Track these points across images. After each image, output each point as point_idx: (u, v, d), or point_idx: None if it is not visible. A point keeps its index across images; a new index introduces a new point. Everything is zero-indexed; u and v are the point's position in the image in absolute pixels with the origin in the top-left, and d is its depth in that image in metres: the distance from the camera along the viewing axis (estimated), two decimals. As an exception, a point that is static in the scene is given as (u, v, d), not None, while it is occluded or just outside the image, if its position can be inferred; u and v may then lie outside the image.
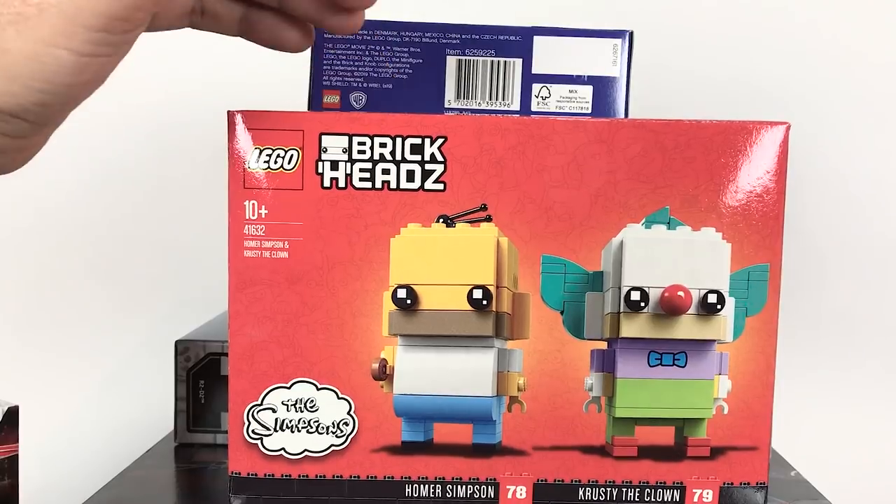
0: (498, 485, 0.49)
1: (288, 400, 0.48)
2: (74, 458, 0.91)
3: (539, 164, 0.47)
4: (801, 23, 0.88)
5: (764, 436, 0.49)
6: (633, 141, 0.47)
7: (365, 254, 0.47)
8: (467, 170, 0.47)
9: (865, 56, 0.88)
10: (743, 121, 0.47)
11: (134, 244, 0.90)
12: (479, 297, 0.47)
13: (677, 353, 0.48)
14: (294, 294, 0.47)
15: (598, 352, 0.48)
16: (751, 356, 0.48)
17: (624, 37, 0.59)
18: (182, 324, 0.83)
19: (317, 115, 0.47)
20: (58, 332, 0.91)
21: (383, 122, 0.47)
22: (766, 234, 0.48)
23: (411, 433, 0.48)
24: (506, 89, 0.59)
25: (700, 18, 0.87)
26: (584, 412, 0.48)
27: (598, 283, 0.48)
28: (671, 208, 0.47)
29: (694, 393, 0.48)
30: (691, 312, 0.47)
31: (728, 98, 0.85)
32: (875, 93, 0.89)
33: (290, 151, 0.46)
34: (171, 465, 0.64)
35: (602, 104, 0.59)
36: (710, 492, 0.49)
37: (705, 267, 0.47)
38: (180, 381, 0.67)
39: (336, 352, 0.47)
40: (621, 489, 0.49)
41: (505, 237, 0.47)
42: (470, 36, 0.59)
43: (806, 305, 0.90)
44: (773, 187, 0.47)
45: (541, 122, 0.47)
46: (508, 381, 0.48)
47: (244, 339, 0.47)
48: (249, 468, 0.48)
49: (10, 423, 0.55)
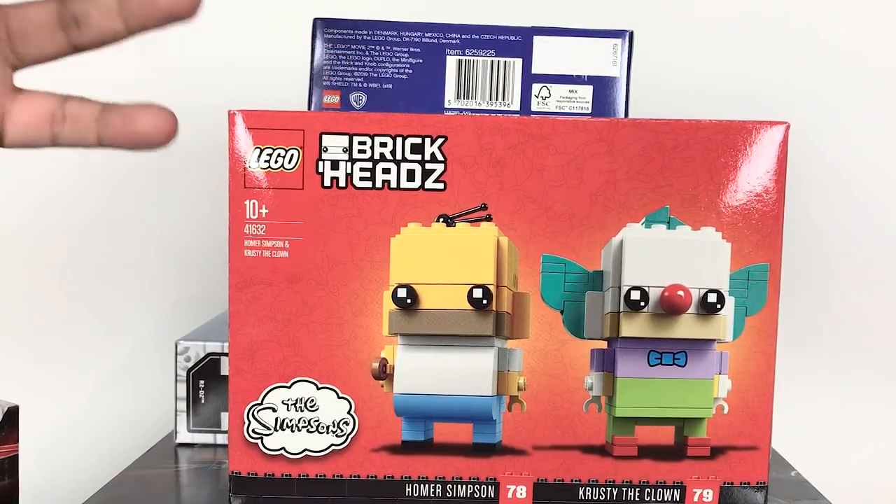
0: (498, 484, 0.49)
1: (288, 399, 0.48)
2: (74, 458, 0.91)
3: (539, 163, 0.47)
4: (801, 22, 0.88)
5: (764, 435, 0.49)
6: (632, 141, 0.47)
7: (365, 253, 0.47)
8: (467, 169, 0.47)
9: (865, 56, 0.88)
10: (742, 120, 0.47)
11: (134, 244, 0.90)
12: (479, 297, 0.47)
13: (677, 352, 0.48)
14: (294, 293, 0.47)
15: (598, 351, 0.48)
16: (751, 356, 0.48)
17: (624, 37, 0.59)
18: (182, 324, 0.83)
19: (317, 114, 0.47)
20: (58, 332, 0.90)
21: (384, 121, 0.47)
22: (766, 234, 0.48)
23: (411, 433, 0.48)
24: (506, 89, 0.59)
25: (700, 18, 0.87)
26: (585, 412, 0.48)
27: (598, 282, 0.48)
28: (671, 208, 0.47)
29: (694, 392, 0.48)
30: (691, 312, 0.47)
31: (728, 98, 0.85)
32: (875, 93, 0.89)
33: (291, 151, 0.46)
34: (171, 465, 0.64)
35: (602, 104, 0.59)
36: (710, 491, 0.49)
37: (705, 266, 0.47)
38: (180, 381, 0.67)
39: (336, 351, 0.48)
40: (621, 489, 0.49)
41: (505, 237, 0.47)
42: (470, 36, 0.59)
43: (806, 305, 0.90)
44: (772, 187, 0.47)
45: (541, 122, 0.47)
46: (508, 381, 0.48)
47: (244, 339, 0.47)
48: (249, 468, 0.48)
49: (10, 423, 0.54)
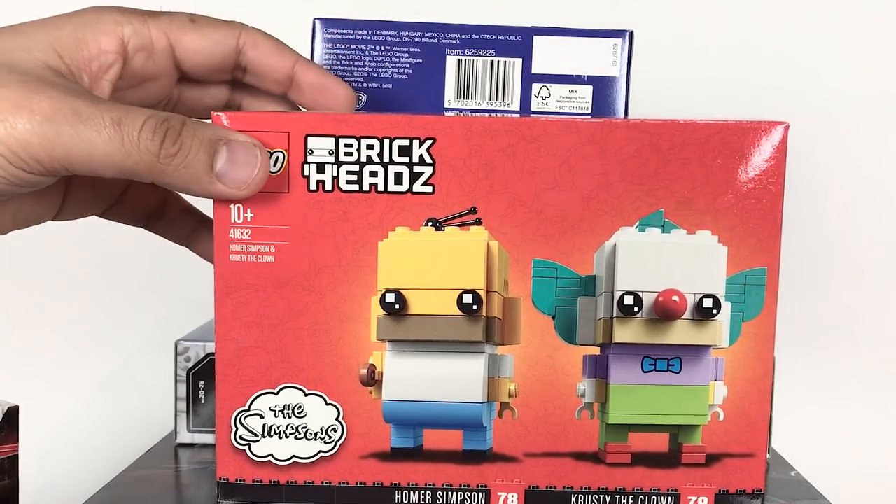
0: (489, 492, 0.48)
1: (275, 406, 0.47)
2: (74, 458, 0.91)
3: (530, 165, 0.46)
4: (801, 22, 0.87)
5: (760, 443, 0.48)
6: (626, 142, 0.46)
7: (352, 258, 0.46)
8: (457, 172, 0.46)
9: (865, 56, 0.87)
10: (740, 121, 0.46)
11: (134, 244, 0.89)
12: (468, 302, 0.46)
13: (672, 358, 0.47)
14: (280, 299, 0.47)
15: (591, 357, 0.48)
16: (747, 362, 0.47)
17: (624, 37, 0.58)
18: (182, 324, 0.83)
19: (302, 115, 0.46)
20: (58, 332, 0.91)
21: (370, 123, 0.46)
22: (764, 238, 0.47)
23: (401, 439, 0.48)
24: (506, 89, 0.58)
25: (700, 18, 0.86)
26: (577, 418, 0.48)
27: (590, 287, 0.47)
28: (666, 211, 0.47)
29: (689, 399, 0.47)
30: (686, 317, 0.47)
31: (729, 97, 0.84)
32: (875, 93, 0.88)
33: (276, 153, 0.45)
34: (171, 465, 0.64)
35: (602, 104, 0.58)
36: (706, 499, 0.48)
37: (701, 271, 0.47)
38: (180, 381, 0.67)
39: (324, 357, 0.47)
40: (615, 496, 0.48)
41: (495, 241, 0.46)
42: (470, 36, 0.58)
43: (806, 305, 0.89)
44: (771, 189, 0.46)
45: (531, 123, 0.46)
46: (499, 387, 0.48)
47: (231, 345, 0.47)
48: (237, 474, 0.48)
49: (10, 423, 0.54)
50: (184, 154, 0.41)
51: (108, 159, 0.40)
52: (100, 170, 0.41)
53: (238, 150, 0.43)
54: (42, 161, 0.40)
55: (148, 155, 0.41)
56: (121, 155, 0.40)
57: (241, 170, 0.43)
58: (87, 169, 0.41)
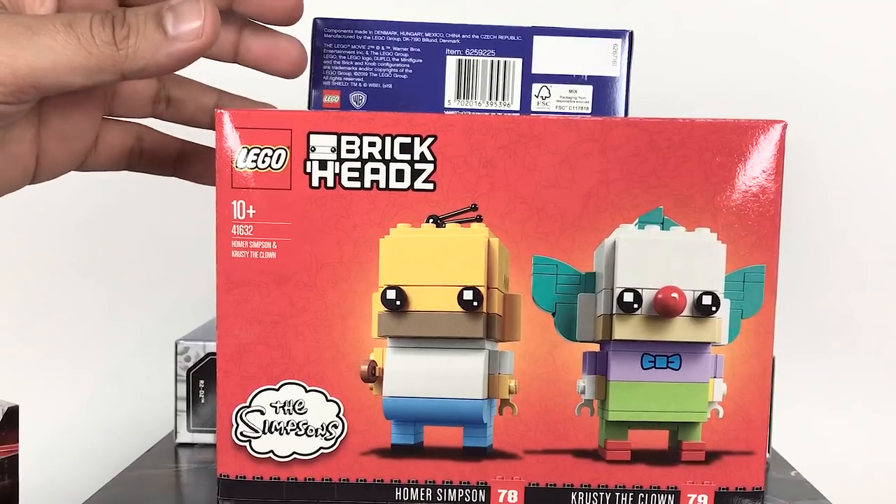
0: (489, 489, 0.48)
1: (276, 402, 0.47)
2: (74, 458, 0.91)
3: (530, 163, 0.46)
4: (801, 22, 0.87)
5: (760, 440, 0.48)
6: (626, 140, 0.46)
7: (354, 254, 0.47)
8: (457, 169, 0.46)
9: (864, 56, 0.88)
10: (738, 119, 0.46)
11: (133, 243, 0.90)
12: (469, 299, 0.46)
13: (671, 355, 0.48)
14: (282, 295, 0.47)
15: (591, 354, 0.48)
16: (746, 359, 0.48)
17: (624, 37, 0.58)
18: (182, 324, 0.83)
19: (305, 113, 0.47)
20: (58, 332, 0.91)
21: (372, 120, 0.46)
22: (763, 235, 0.47)
23: (401, 436, 0.48)
24: (506, 89, 0.58)
25: (700, 18, 0.86)
26: (577, 415, 0.48)
27: (590, 284, 0.48)
28: (665, 208, 0.47)
29: (688, 396, 0.48)
30: (685, 314, 0.47)
31: (729, 97, 0.85)
32: (874, 92, 0.88)
33: (279, 151, 0.46)
34: (171, 465, 0.64)
35: (602, 104, 0.59)
36: (705, 496, 0.48)
37: (700, 268, 0.47)
38: (180, 381, 0.67)
39: (325, 353, 0.47)
40: (614, 494, 0.48)
41: (496, 238, 0.47)
42: (470, 36, 0.59)
43: (806, 305, 0.89)
44: (769, 187, 0.47)
45: (532, 121, 0.46)
46: (499, 384, 0.48)
47: (232, 341, 0.47)
48: (238, 471, 0.48)
49: (10, 423, 0.54)
50: (136, 31, 0.41)
51: (71, 63, 0.40)
52: (66, 77, 0.41)
53: (181, 8, 0.42)
54: (6, 82, 0.40)
55: (106, 47, 0.41)
56: (83, 55, 0.40)
57: (190, 21, 0.42)
58: (55, 81, 0.41)
